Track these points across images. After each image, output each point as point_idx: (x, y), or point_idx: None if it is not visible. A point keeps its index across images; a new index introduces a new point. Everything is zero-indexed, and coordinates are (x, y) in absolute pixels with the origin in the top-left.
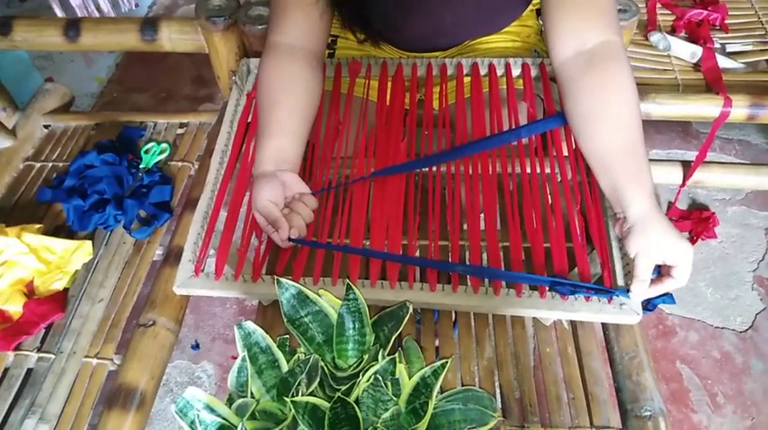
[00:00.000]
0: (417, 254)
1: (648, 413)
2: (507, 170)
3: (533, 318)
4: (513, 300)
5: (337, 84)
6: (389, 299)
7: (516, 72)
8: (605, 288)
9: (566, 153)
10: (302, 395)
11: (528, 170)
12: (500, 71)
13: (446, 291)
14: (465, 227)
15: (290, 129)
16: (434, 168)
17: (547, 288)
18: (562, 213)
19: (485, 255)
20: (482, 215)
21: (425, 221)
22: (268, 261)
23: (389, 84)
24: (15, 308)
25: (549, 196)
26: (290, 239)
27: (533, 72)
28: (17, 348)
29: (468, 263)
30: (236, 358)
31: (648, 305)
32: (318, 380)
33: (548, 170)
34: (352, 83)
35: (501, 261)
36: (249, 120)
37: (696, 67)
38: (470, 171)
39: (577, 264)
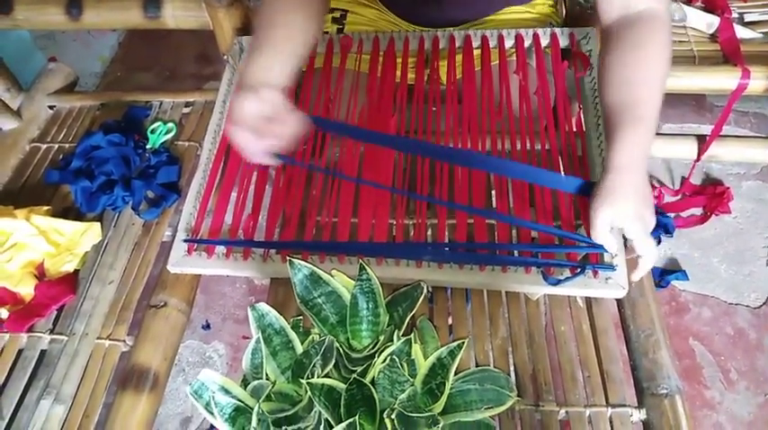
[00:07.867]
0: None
1: (665, 391)
2: (497, 147)
3: (548, 295)
4: (498, 275)
5: (342, 60)
6: (395, 276)
7: (528, 43)
8: (587, 264)
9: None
10: (317, 376)
11: (518, 147)
12: (509, 43)
13: (444, 269)
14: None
15: (283, 50)
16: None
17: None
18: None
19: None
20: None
21: (414, 200)
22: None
23: (380, 59)
24: (27, 290)
25: None
26: (275, 156)
27: (544, 43)
28: (30, 330)
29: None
30: (246, 338)
31: (662, 281)
32: (333, 361)
33: (537, 146)
34: (359, 58)
35: (486, 239)
36: None
37: (713, 37)
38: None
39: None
